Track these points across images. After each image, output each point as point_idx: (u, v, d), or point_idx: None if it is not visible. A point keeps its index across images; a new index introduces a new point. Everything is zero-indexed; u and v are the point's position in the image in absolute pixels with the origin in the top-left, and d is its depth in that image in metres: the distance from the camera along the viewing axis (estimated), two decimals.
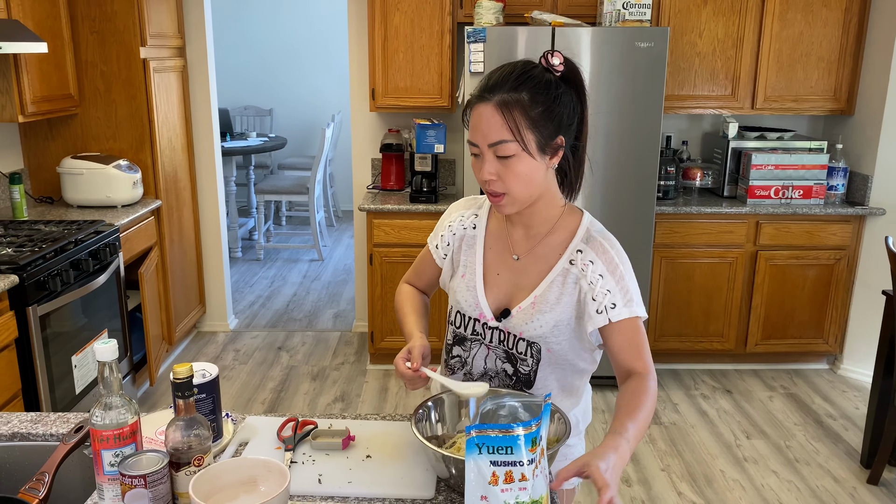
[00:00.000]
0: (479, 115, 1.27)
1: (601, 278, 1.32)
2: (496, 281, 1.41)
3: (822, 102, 3.78)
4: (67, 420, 1.46)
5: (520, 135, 1.25)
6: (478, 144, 1.28)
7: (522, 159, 1.26)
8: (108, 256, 2.98)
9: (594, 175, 3.39)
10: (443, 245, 1.50)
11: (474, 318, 1.42)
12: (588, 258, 1.34)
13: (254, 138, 6.22)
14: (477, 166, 1.30)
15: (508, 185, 1.28)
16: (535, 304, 1.35)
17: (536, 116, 1.25)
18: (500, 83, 1.27)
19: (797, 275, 3.74)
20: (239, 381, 3.74)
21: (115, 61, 3.42)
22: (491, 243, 1.44)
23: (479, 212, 1.48)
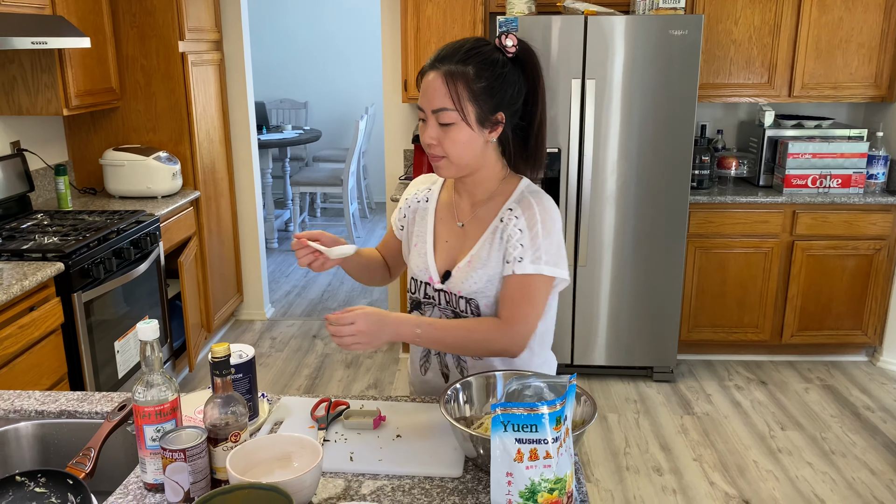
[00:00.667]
0: (428, 82, 1.37)
1: (519, 232, 1.41)
2: (444, 247, 1.52)
3: (862, 89, 3.71)
4: (112, 399, 1.52)
5: (460, 105, 1.35)
6: (423, 109, 1.39)
7: (461, 128, 1.37)
8: (148, 245, 3.07)
9: (629, 164, 3.37)
10: (399, 218, 1.62)
11: (425, 282, 1.53)
12: (515, 214, 1.43)
13: (289, 131, 6.31)
14: (422, 128, 1.41)
15: (447, 149, 1.38)
16: (471, 262, 1.46)
17: (478, 90, 1.35)
18: (450, 55, 1.37)
19: (835, 265, 3.68)
20: (275, 367, 3.81)
21: (155, 55, 3.51)
22: (441, 214, 1.54)
23: (432, 186, 1.59)
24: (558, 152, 3.38)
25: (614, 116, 3.33)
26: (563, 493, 1.04)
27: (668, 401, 3.45)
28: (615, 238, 3.46)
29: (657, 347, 3.59)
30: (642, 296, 3.53)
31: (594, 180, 3.41)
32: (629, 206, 3.42)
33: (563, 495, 1.04)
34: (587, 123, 3.33)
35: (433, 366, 1.56)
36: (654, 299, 3.53)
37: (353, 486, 1.21)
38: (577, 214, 3.44)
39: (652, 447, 3.05)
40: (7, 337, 2.21)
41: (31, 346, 2.35)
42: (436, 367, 1.56)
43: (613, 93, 3.30)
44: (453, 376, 1.53)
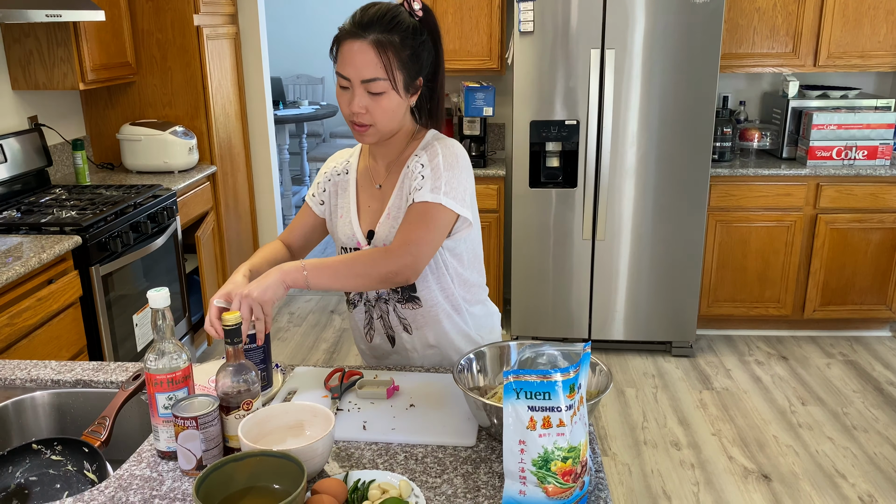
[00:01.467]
0: (354, 51, 1.34)
1: (421, 167, 1.42)
2: (368, 212, 1.52)
3: (890, 58, 3.61)
4: (126, 369, 1.53)
5: (391, 74, 1.35)
6: (349, 78, 1.35)
7: (391, 96, 1.36)
8: (165, 220, 3.08)
9: (649, 136, 3.32)
10: (319, 192, 1.60)
11: (353, 248, 1.52)
12: (419, 158, 1.44)
13: (306, 106, 6.28)
14: (345, 98, 1.39)
15: (376, 118, 1.38)
16: (389, 214, 1.46)
17: (405, 59, 1.36)
18: (373, 22, 1.34)
19: (859, 239, 3.61)
20: (293, 342, 3.83)
21: (170, 29, 3.49)
22: (361, 182, 1.55)
23: (350, 158, 1.59)
24: (577, 124, 3.33)
25: (634, 87, 3.27)
26: (577, 461, 1.02)
27: (686, 376, 3.42)
28: (634, 211, 3.42)
29: (676, 322, 3.56)
30: (661, 270, 3.48)
31: (613, 153, 3.36)
32: (649, 179, 3.36)
33: (576, 464, 1.02)
34: (606, 94, 3.28)
35: (378, 330, 1.57)
36: (674, 273, 3.48)
37: (367, 455, 1.21)
38: (595, 187, 3.40)
39: (670, 422, 3.03)
40: (26, 309, 2.23)
41: (50, 319, 2.37)
42: (380, 331, 1.57)
43: (633, 63, 3.24)
44: (400, 339, 1.55)
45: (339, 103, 1.41)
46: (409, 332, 1.53)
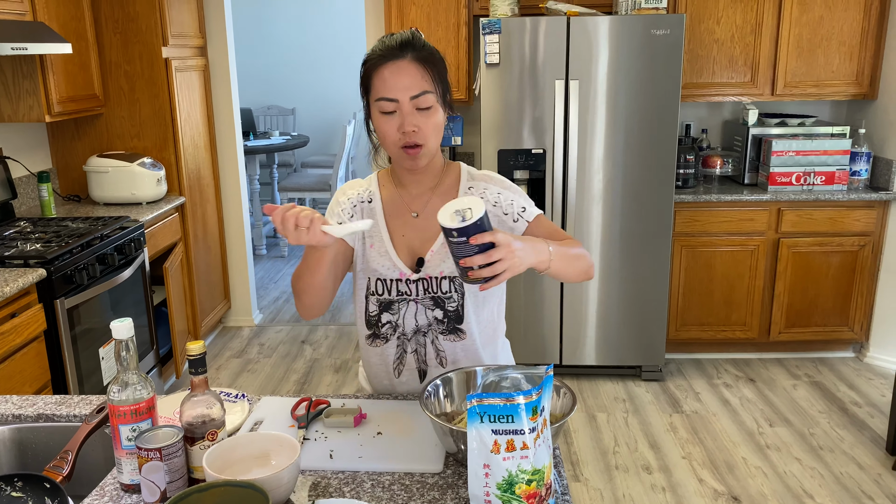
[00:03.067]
0: (396, 70, 1.34)
1: (500, 195, 1.46)
2: (403, 241, 1.48)
3: (843, 87, 3.73)
4: (90, 402, 1.51)
5: (437, 86, 1.37)
6: (398, 99, 1.34)
7: (438, 111, 1.38)
8: (133, 251, 3.05)
9: (614, 164, 3.38)
10: (346, 220, 1.49)
11: (395, 279, 1.47)
12: (481, 188, 1.48)
13: (277, 137, 6.30)
14: (391, 124, 1.36)
15: (427, 135, 1.37)
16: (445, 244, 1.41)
17: (441, 73, 1.39)
18: (405, 43, 1.36)
19: (821, 262, 3.70)
20: (263, 373, 3.79)
21: (139, 61, 3.50)
22: (389, 210, 1.50)
23: (370, 187, 1.54)
24: (543, 153, 3.38)
25: (599, 117, 3.34)
26: (542, 484, 1.03)
27: (656, 399, 3.45)
28: (602, 238, 3.47)
29: (645, 347, 3.60)
30: (630, 295, 3.53)
31: (580, 180, 3.41)
32: (615, 206, 3.42)
33: (541, 487, 1.03)
34: (571, 124, 3.34)
35: (408, 365, 1.51)
36: (642, 298, 3.53)
37: (334, 484, 1.20)
38: (563, 214, 3.45)
39: (641, 446, 3.05)
40: None
41: (13, 353, 2.33)
42: (412, 366, 1.51)
43: (597, 93, 3.31)
44: (431, 373, 1.51)
45: (383, 133, 1.37)
46: (444, 364, 1.50)
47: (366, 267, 1.50)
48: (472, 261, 1.15)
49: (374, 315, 1.51)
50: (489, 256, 1.16)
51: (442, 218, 1.17)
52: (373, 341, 1.53)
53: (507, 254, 1.16)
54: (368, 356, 1.57)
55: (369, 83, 1.38)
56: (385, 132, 1.38)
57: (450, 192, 1.48)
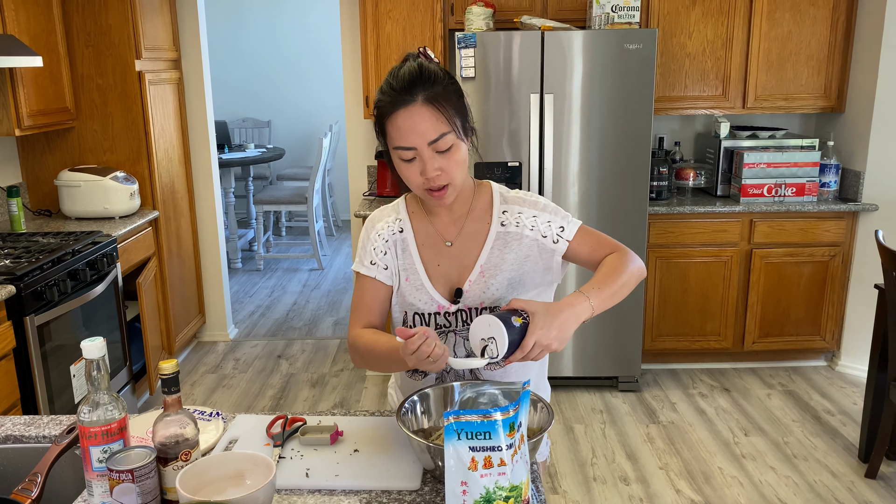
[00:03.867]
0: (409, 117, 1.28)
1: (536, 217, 1.43)
2: (439, 272, 1.44)
3: (812, 100, 3.81)
4: (60, 422, 1.48)
5: (453, 124, 1.31)
6: (415, 147, 1.30)
7: (459, 147, 1.33)
8: (105, 266, 3.01)
9: (589, 177, 3.41)
10: (380, 258, 1.46)
11: (433, 312, 1.44)
12: (516, 212, 1.44)
13: (252, 149, 6.26)
14: (413, 170, 1.32)
15: (452, 174, 1.33)
16: (483, 272, 1.42)
17: (457, 104, 1.33)
18: (413, 83, 1.29)
19: (792, 272, 3.75)
20: (239, 389, 3.75)
21: (111, 74, 3.46)
22: (421, 240, 1.46)
23: (399, 216, 1.48)
24: (519, 166, 3.40)
25: (573, 130, 3.37)
26: (520, 500, 1.03)
27: (633, 410, 3.47)
28: None
29: (622, 357, 3.62)
30: None
31: (555, 193, 3.43)
32: (590, 218, 3.45)
33: (519, 502, 1.03)
34: (546, 137, 3.37)
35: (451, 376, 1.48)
36: (618, 310, 3.55)
37: (310, 503, 1.19)
38: None
39: (618, 457, 3.06)
40: None
41: None
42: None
43: (572, 107, 3.34)
44: None
45: (407, 177, 1.34)
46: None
47: (401, 301, 1.46)
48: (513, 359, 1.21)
49: None
50: (526, 358, 1.20)
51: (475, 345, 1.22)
52: (413, 374, 1.50)
53: (543, 350, 1.20)
54: (408, 384, 1.53)
55: (384, 129, 1.33)
56: (408, 178, 1.34)
57: (483, 216, 1.44)
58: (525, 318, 1.22)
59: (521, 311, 1.23)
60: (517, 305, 1.24)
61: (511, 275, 1.42)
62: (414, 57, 1.35)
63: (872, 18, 3.58)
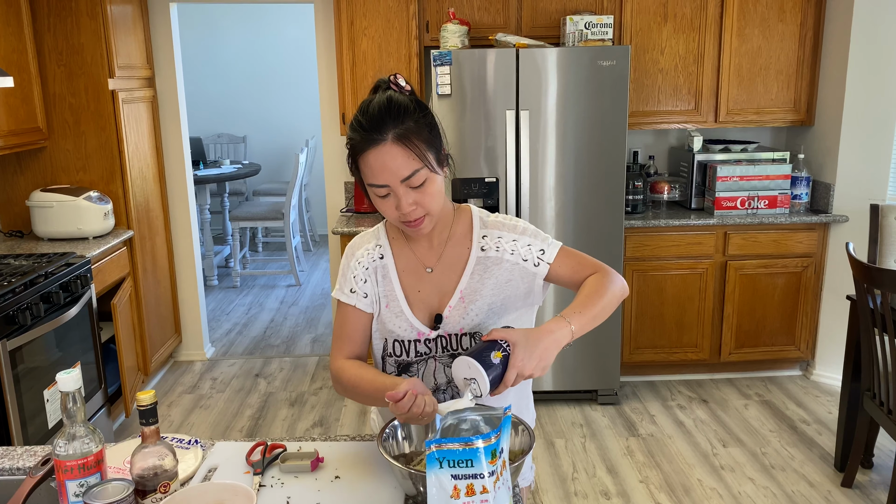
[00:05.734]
0: (380, 156, 1.27)
1: (516, 241, 1.44)
2: (419, 298, 1.44)
3: (782, 114, 3.87)
4: (35, 453, 1.45)
5: (426, 159, 1.29)
6: (388, 185, 1.29)
7: (434, 180, 1.33)
8: (79, 288, 2.97)
9: (565, 192, 3.43)
10: (360, 286, 1.45)
11: (413, 339, 1.44)
12: (495, 236, 1.44)
13: (227, 166, 6.23)
14: (388, 204, 1.32)
15: (427, 207, 1.33)
16: (463, 297, 1.42)
17: (427, 137, 1.31)
18: (382, 120, 1.27)
19: (767, 283, 3.81)
20: (216, 409, 3.71)
21: (84, 93, 3.43)
22: (402, 267, 1.45)
23: (380, 242, 1.48)
24: (496, 181, 3.42)
25: (549, 146, 3.40)
26: None
27: (613, 423, 3.48)
28: None
29: (601, 371, 3.63)
30: None
31: (532, 208, 3.46)
32: (567, 233, 3.47)
33: None
34: (523, 153, 3.39)
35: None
36: None
37: None
38: None
39: (599, 471, 3.07)
40: None
41: None
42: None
43: (547, 123, 3.37)
44: None
45: (383, 210, 1.34)
46: None
47: (381, 328, 1.45)
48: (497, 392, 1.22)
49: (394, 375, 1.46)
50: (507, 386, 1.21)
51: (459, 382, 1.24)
52: None
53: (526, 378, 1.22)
54: (387, 411, 1.52)
55: (357, 166, 1.33)
56: (385, 211, 1.34)
57: (463, 241, 1.44)
58: (506, 348, 1.22)
59: (502, 342, 1.23)
60: (497, 336, 1.24)
61: (491, 300, 1.42)
62: (385, 86, 1.34)
63: (838, 33, 3.66)
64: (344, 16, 3.62)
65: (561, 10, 3.69)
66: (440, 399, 1.46)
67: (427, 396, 1.22)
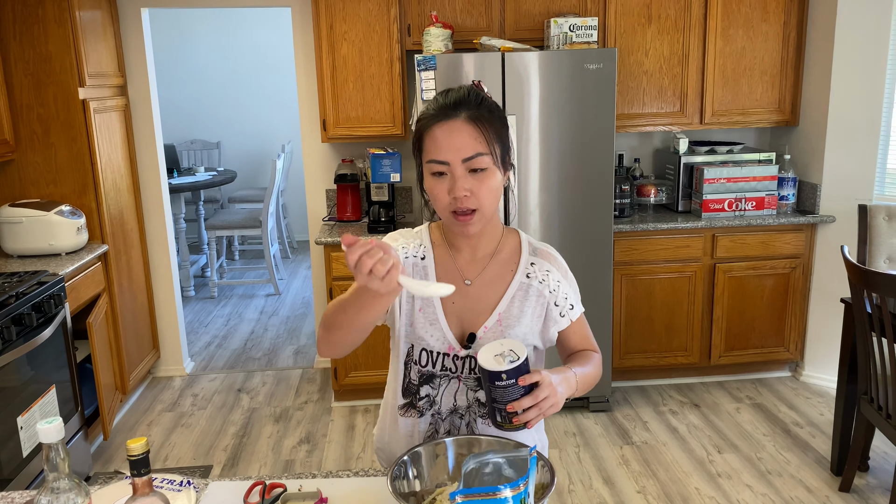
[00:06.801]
0: (448, 130, 1.25)
1: (559, 283, 1.39)
2: (452, 309, 1.37)
3: (767, 115, 3.85)
4: (11, 500, 1.35)
5: (492, 147, 1.27)
6: (448, 161, 1.26)
7: (493, 173, 1.28)
8: (52, 308, 2.84)
9: (550, 197, 3.37)
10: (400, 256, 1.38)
11: (443, 352, 1.37)
12: (544, 268, 1.39)
13: (202, 173, 6.08)
14: (441, 187, 1.27)
15: (481, 200, 1.27)
16: (501, 321, 1.36)
17: (498, 132, 1.29)
18: (461, 101, 1.28)
19: (755, 285, 3.78)
20: (199, 427, 3.59)
21: (53, 103, 3.29)
22: (441, 273, 1.39)
23: (423, 241, 1.42)
24: None
25: (535, 151, 3.33)
26: None
27: (606, 431, 3.43)
28: None
29: None
30: None
31: (521, 214, 3.39)
32: (554, 238, 3.41)
33: None
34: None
35: None
36: None
37: None
38: None
39: (595, 482, 3.01)
40: None
41: None
42: None
43: (533, 127, 3.31)
44: None
45: (435, 195, 1.28)
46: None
47: (411, 332, 1.38)
48: (521, 404, 1.14)
49: (414, 384, 1.40)
50: (536, 397, 1.15)
51: (486, 361, 1.15)
52: (406, 411, 1.42)
53: (551, 392, 1.16)
54: (397, 424, 1.43)
55: (421, 144, 1.30)
56: (436, 195, 1.28)
57: (508, 262, 1.39)
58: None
59: None
60: None
61: (526, 330, 1.37)
62: (469, 87, 1.33)
63: (822, 33, 3.65)
64: (323, 20, 3.53)
65: (544, 13, 3.63)
66: (456, 424, 1.39)
67: (388, 255, 1.07)
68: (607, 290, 3.49)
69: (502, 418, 1.19)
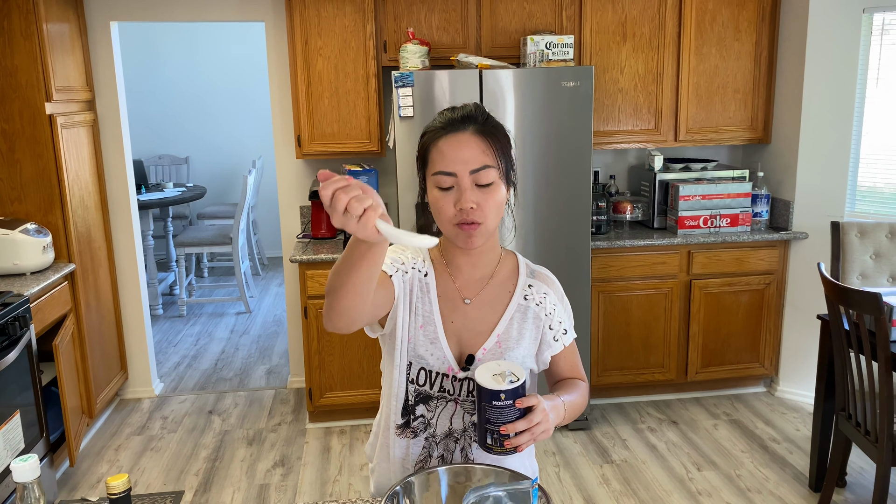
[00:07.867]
0: (456, 142, 1.25)
1: (556, 307, 1.40)
2: (451, 329, 1.35)
3: (740, 132, 3.90)
4: None
5: (498, 161, 1.27)
6: (456, 173, 1.25)
7: (499, 188, 1.28)
8: (17, 331, 2.74)
9: (526, 215, 3.36)
10: (400, 266, 1.33)
11: (442, 373, 1.34)
12: (542, 291, 1.39)
13: (171, 189, 5.97)
14: (448, 199, 1.26)
15: (486, 213, 1.26)
16: (500, 342, 1.35)
17: (504, 147, 1.29)
18: (469, 116, 1.28)
19: (730, 301, 3.81)
20: (169, 451, 3.49)
21: (18, 118, 3.20)
22: (440, 291, 1.37)
23: (424, 259, 1.38)
24: None
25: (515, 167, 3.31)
26: None
27: (585, 450, 3.41)
28: None
29: None
30: None
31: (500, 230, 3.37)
32: (532, 255, 3.40)
33: None
34: None
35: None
36: None
37: None
38: None
39: (577, 502, 2.98)
40: None
41: None
42: None
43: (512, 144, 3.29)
44: None
45: (439, 209, 1.26)
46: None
47: (411, 350, 1.34)
48: (515, 426, 1.13)
49: (410, 403, 1.36)
50: (531, 421, 1.14)
51: (484, 380, 1.13)
52: (402, 431, 1.37)
53: (544, 418, 1.15)
54: (392, 446, 1.39)
55: (426, 157, 1.29)
56: (441, 208, 1.26)
57: (506, 284, 1.38)
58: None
59: None
60: None
61: (525, 352, 1.36)
62: (475, 103, 1.34)
63: (793, 52, 3.71)
64: (298, 35, 3.49)
65: (520, 31, 3.63)
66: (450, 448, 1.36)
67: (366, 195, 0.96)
68: (585, 307, 3.47)
69: (493, 440, 1.16)
